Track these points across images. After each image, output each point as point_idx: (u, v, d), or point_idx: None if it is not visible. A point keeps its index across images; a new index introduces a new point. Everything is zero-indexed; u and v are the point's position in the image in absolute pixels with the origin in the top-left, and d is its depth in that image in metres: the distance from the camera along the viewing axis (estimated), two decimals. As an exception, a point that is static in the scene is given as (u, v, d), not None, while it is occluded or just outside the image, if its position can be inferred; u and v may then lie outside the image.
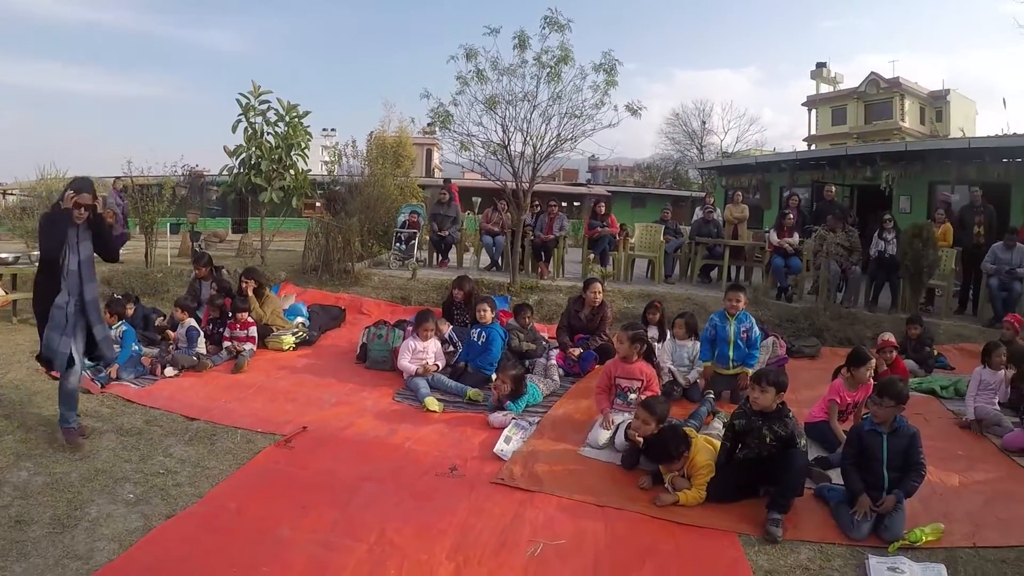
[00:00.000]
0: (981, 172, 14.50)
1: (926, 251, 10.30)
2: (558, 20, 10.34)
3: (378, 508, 4.33)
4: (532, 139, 10.90)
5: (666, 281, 12.87)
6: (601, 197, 19.71)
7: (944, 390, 7.65)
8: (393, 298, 10.93)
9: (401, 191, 16.00)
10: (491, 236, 13.32)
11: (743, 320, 7.10)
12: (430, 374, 6.98)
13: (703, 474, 4.73)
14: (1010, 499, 5.04)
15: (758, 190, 20.72)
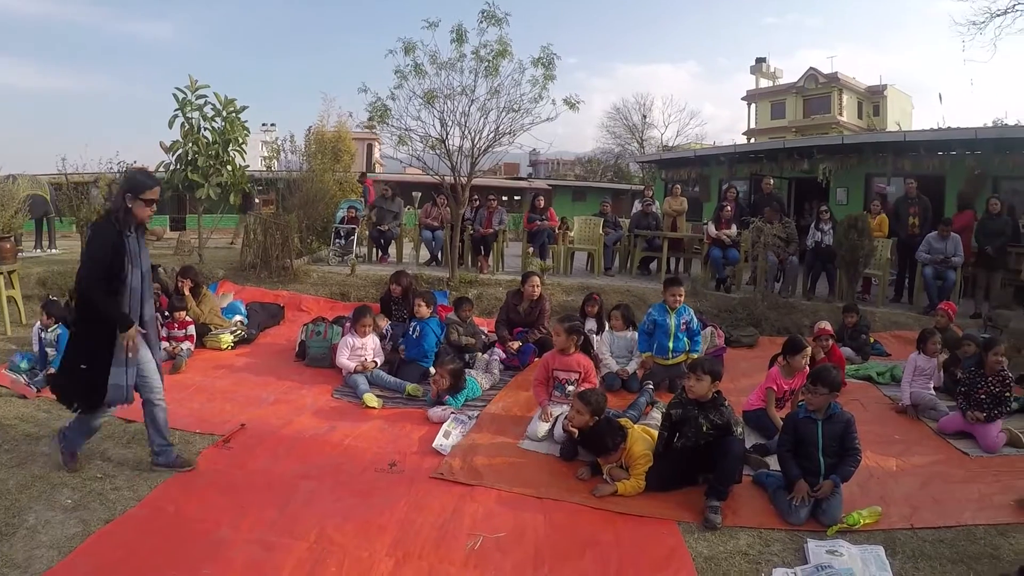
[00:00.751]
0: (916, 165, 14.91)
1: (862, 241, 10.58)
2: (495, 14, 10.38)
3: (318, 506, 4.34)
4: (470, 133, 10.95)
5: (606, 274, 13.00)
6: (541, 191, 19.76)
7: (880, 376, 7.88)
8: (332, 294, 10.86)
9: (340, 186, 15.82)
10: (430, 231, 13.29)
11: (683, 313, 7.26)
12: (369, 371, 6.95)
13: (641, 464, 4.76)
14: (946, 481, 5.21)
15: (697, 183, 21.02)
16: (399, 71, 10.70)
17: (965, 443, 5.99)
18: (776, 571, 3.84)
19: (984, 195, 12.25)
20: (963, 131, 14.69)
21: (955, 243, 10.35)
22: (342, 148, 16.29)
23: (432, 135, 11.04)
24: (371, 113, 11.03)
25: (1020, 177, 13.75)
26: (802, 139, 21.26)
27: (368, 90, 10.82)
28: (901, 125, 27.37)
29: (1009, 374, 6.31)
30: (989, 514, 4.67)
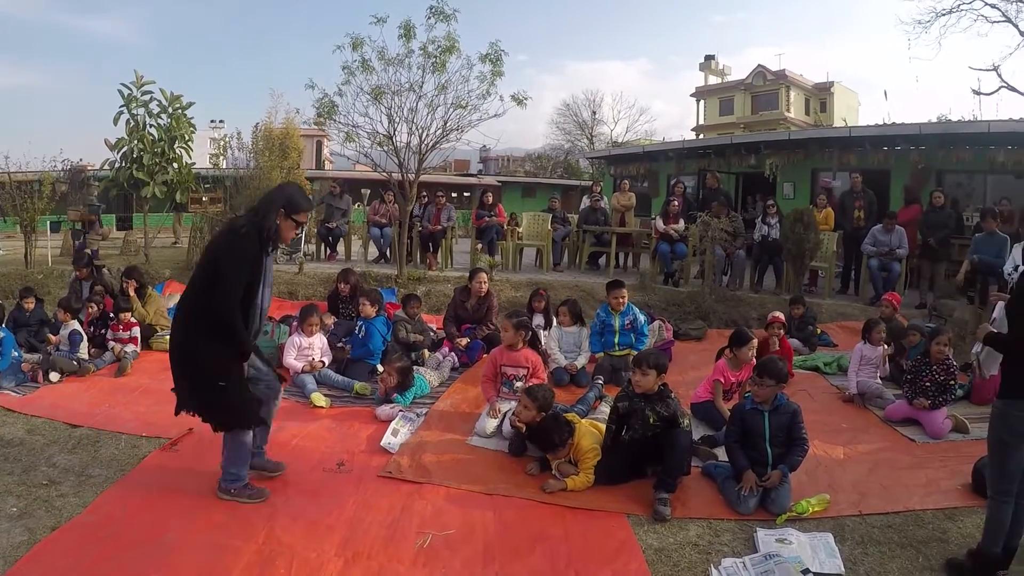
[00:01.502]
0: (862, 159, 15.25)
1: (808, 235, 10.80)
2: (444, 10, 10.38)
3: (266, 507, 4.31)
4: (418, 130, 10.90)
5: (554, 269, 13.03)
6: (489, 187, 19.75)
7: (827, 366, 8.04)
8: (280, 293, 10.68)
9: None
10: (379, 228, 13.23)
11: (627, 313, 7.51)
12: (317, 370, 6.90)
13: (589, 458, 4.78)
14: (893, 467, 5.34)
15: (646, 179, 21.19)
16: (347, 67, 10.66)
17: (911, 430, 6.14)
18: (725, 561, 3.87)
19: (928, 189, 12.51)
20: (908, 127, 15.04)
21: (900, 235, 10.60)
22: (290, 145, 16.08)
23: (379, 132, 10.99)
24: (318, 110, 10.96)
25: (963, 171, 14.16)
26: (749, 135, 21.56)
27: (316, 86, 10.77)
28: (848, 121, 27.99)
29: (953, 362, 6.51)
30: (936, 499, 4.80)
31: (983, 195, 13.78)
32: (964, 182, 14.51)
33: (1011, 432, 3.57)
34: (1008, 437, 3.59)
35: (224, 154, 16.37)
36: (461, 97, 10.76)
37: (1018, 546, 3.76)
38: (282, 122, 16.18)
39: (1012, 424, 3.56)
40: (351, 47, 10.54)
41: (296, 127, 16.46)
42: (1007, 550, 3.71)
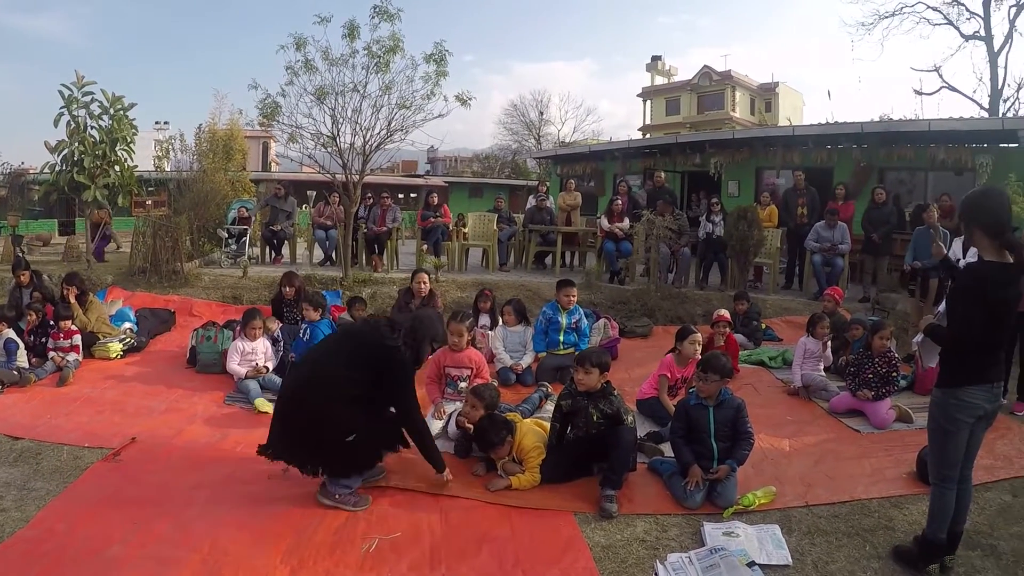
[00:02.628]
0: (805, 158, 15.54)
1: (751, 232, 10.97)
2: (388, 10, 10.28)
3: (211, 516, 4.25)
4: (362, 130, 10.81)
5: (500, 269, 13.00)
6: (435, 188, 19.68)
7: (772, 360, 8.16)
8: (224, 298, 10.55)
9: (233, 186, 15.31)
10: (324, 230, 13.07)
11: (574, 312, 7.67)
12: (261, 376, 6.82)
13: (533, 457, 4.79)
14: (838, 458, 5.44)
15: (592, 178, 21.32)
16: (290, 67, 10.51)
17: (856, 421, 6.27)
18: (671, 556, 3.88)
19: (870, 186, 12.79)
20: (850, 125, 15.37)
21: (842, 231, 10.89)
22: (234, 147, 15.79)
23: (323, 132, 10.87)
24: (261, 111, 10.78)
25: (904, 168, 14.56)
26: (695, 134, 21.85)
27: (259, 87, 10.59)
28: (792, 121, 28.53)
29: (895, 354, 6.67)
30: (882, 487, 4.90)
31: (924, 191, 14.19)
32: (906, 179, 14.92)
33: (950, 420, 3.64)
34: (947, 425, 3.65)
35: (167, 156, 15.94)
36: (405, 98, 10.71)
37: (963, 531, 3.90)
38: (226, 123, 15.95)
39: (951, 413, 3.63)
40: (295, 47, 10.42)
41: (240, 128, 16.22)
42: (952, 535, 3.81)
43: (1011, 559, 4.02)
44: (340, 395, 4.24)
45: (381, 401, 4.41)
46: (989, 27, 28.25)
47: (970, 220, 3.66)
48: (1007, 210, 3.68)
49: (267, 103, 10.59)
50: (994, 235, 3.54)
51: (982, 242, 3.59)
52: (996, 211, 3.60)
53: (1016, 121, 14.68)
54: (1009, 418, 6.54)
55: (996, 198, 3.72)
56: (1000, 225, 3.56)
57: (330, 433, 4.23)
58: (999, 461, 5.46)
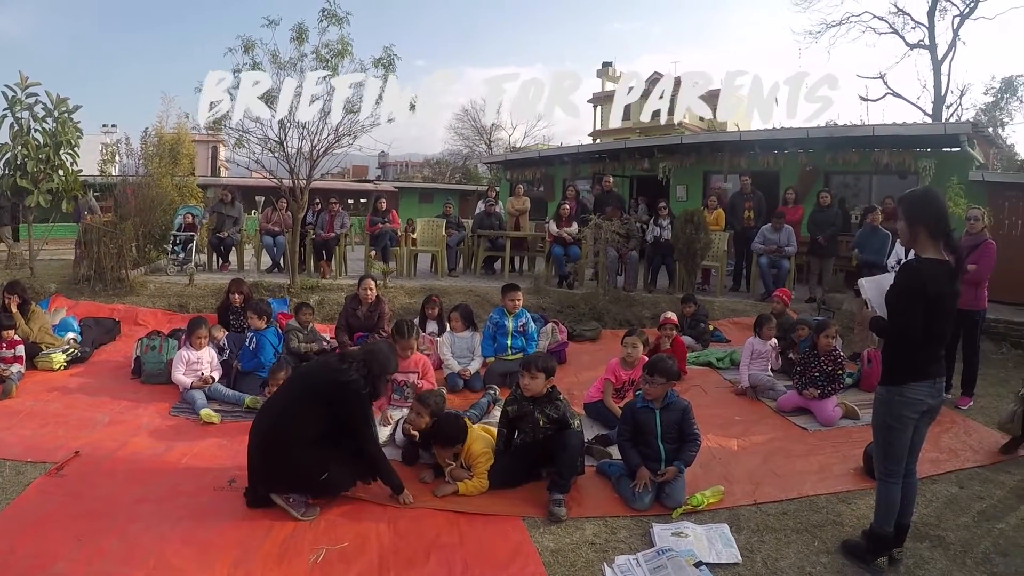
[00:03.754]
0: (752, 162, 15.81)
1: (698, 235, 11.10)
2: (336, 13, 10.18)
3: (156, 530, 4.17)
4: (309, 135, 10.63)
5: (449, 275, 12.94)
6: (383, 193, 19.51)
7: (720, 361, 8.27)
8: (170, 306, 10.33)
9: (180, 191, 14.98)
10: (271, 236, 12.90)
11: (520, 316, 7.76)
12: (207, 386, 6.69)
13: (482, 462, 4.77)
14: (786, 456, 5.52)
15: (542, 183, 21.37)
16: (238, 70, 10.29)
17: (803, 419, 6.38)
18: (618, 559, 3.89)
19: (816, 189, 13.02)
20: (796, 131, 15.58)
21: (788, 234, 11.07)
22: (181, 151, 15.47)
23: (270, 137, 10.65)
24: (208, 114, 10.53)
25: (849, 172, 14.87)
26: (643, 139, 22.05)
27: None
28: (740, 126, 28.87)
29: (841, 353, 6.81)
30: (830, 483, 4.99)
31: (869, 194, 14.47)
32: (851, 182, 15.27)
33: (894, 417, 3.70)
34: (891, 421, 3.72)
35: (113, 160, 15.55)
36: (354, 102, 10.59)
37: (910, 524, 3.98)
38: (174, 127, 15.65)
39: (894, 409, 3.69)
40: (243, 50, 10.22)
41: (187, 132, 15.94)
42: (900, 528, 3.88)
43: (959, 549, 4.12)
44: (304, 440, 4.29)
45: (346, 435, 4.46)
46: (933, 36, 29.37)
47: (914, 219, 3.70)
48: (947, 212, 3.77)
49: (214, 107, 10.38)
50: (937, 235, 3.62)
51: (924, 241, 3.65)
52: (938, 211, 3.68)
53: (958, 126, 15.05)
54: (954, 412, 6.75)
55: (936, 198, 3.79)
56: (942, 226, 3.64)
57: (304, 475, 4.33)
58: (945, 454, 5.62)
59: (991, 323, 9.04)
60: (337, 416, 4.39)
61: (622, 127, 39.74)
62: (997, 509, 4.74)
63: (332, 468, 4.37)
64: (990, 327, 9.04)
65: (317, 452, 4.31)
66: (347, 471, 4.50)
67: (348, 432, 4.45)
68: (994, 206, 11.51)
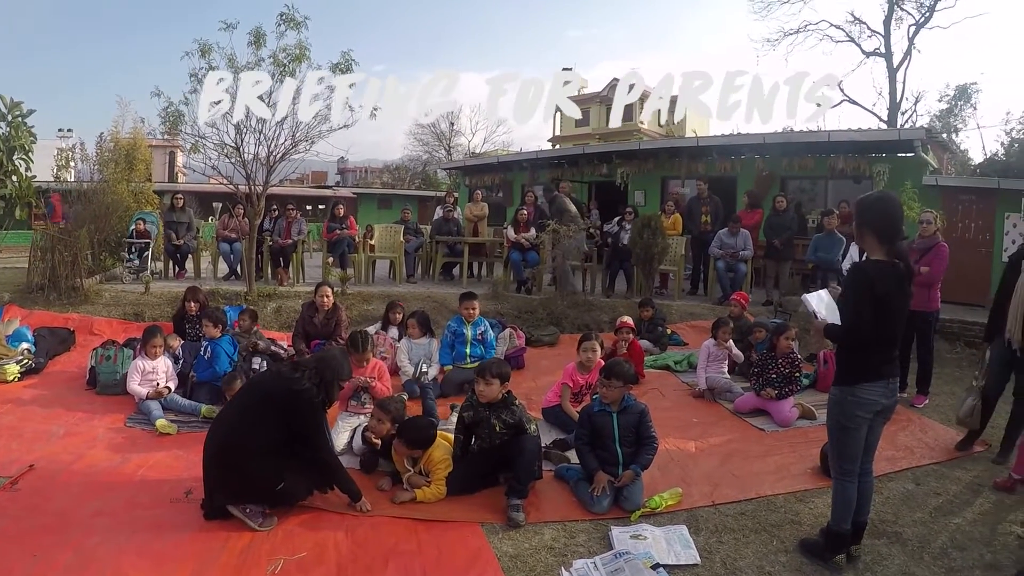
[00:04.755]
0: (709, 167, 16.03)
1: (655, 240, 11.17)
2: (295, 17, 10.07)
3: (113, 543, 4.11)
4: (266, 140, 10.49)
5: (408, 281, 12.89)
6: (341, 199, 19.38)
7: (678, 364, 8.36)
8: (125, 315, 10.13)
9: (136, 198, 14.70)
10: (228, 243, 12.70)
11: (479, 324, 7.80)
12: (163, 396, 6.59)
13: (440, 469, 4.77)
14: (744, 457, 5.58)
15: (501, 188, 21.39)
16: (195, 74, 10.16)
17: (760, 420, 6.46)
18: (576, 562, 3.89)
19: (773, 194, 13.18)
20: (752, 136, 15.88)
21: (744, 238, 11.21)
22: (137, 156, 15.17)
23: (227, 143, 10.51)
24: (163, 119, 10.43)
25: (805, 177, 15.10)
26: (602, 145, 22.24)
27: (161, 94, 10.22)
28: (699, 132, 29.28)
29: (798, 355, 6.89)
30: (787, 483, 5.05)
31: (825, 199, 14.75)
32: (807, 187, 15.49)
33: (848, 417, 3.76)
34: (845, 422, 3.77)
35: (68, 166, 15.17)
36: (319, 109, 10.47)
37: (867, 521, 4.04)
38: (129, 132, 15.36)
39: (848, 409, 3.75)
40: (199, 54, 10.09)
41: (144, 137, 15.66)
42: (857, 526, 3.94)
43: (916, 544, 4.20)
44: (259, 450, 4.27)
45: (301, 444, 4.44)
46: (889, 44, 30.22)
47: (863, 222, 3.79)
48: (899, 217, 3.82)
49: (170, 111, 10.25)
50: (884, 240, 3.68)
51: (872, 244, 3.72)
52: (889, 216, 3.73)
53: (912, 132, 15.41)
54: (910, 411, 6.89)
55: (890, 204, 3.83)
56: (892, 231, 3.70)
57: (260, 485, 4.30)
58: (901, 452, 5.73)
59: (945, 323, 9.22)
60: (291, 425, 4.35)
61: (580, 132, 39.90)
62: (953, 504, 4.84)
63: (288, 477, 4.34)
64: (944, 327, 9.21)
65: (272, 462, 4.28)
66: (303, 480, 4.47)
67: (302, 441, 4.41)
68: (948, 210, 11.81)
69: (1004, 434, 5.68)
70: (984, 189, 12.43)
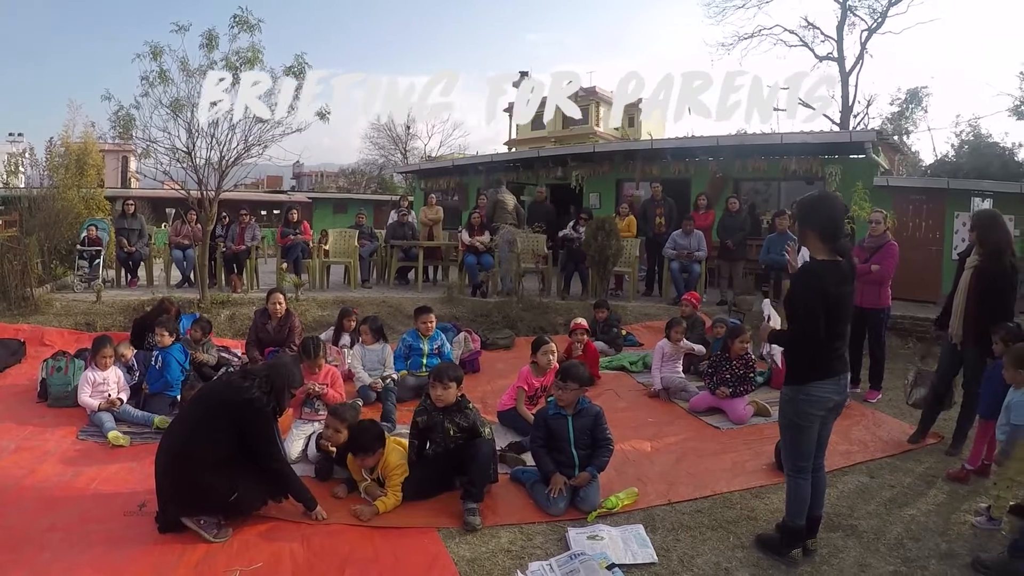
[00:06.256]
0: (664, 170, 16.18)
1: (609, 242, 11.22)
2: (248, 20, 9.90)
3: (66, 560, 4.04)
4: (218, 144, 10.31)
5: (362, 286, 12.82)
6: (295, 204, 19.17)
7: (633, 365, 8.41)
8: (77, 325, 9.89)
9: (87, 204, 14.37)
10: (181, 250, 12.51)
11: (435, 338, 7.73)
12: (115, 408, 6.46)
13: (397, 474, 4.73)
14: (699, 455, 5.61)
15: (456, 192, 21.34)
16: (146, 77, 9.93)
17: (716, 418, 6.52)
18: (532, 565, 3.89)
19: (726, 195, 13.37)
20: (706, 139, 16.07)
21: (698, 239, 11.34)
22: (88, 161, 14.83)
23: (178, 147, 10.29)
24: (114, 123, 10.17)
25: (759, 179, 15.30)
26: (557, 148, 22.27)
27: (112, 97, 9.98)
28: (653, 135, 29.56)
29: (752, 356, 6.99)
30: (742, 480, 5.10)
31: (778, 200, 14.94)
32: (761, 188, 15.72)
33: (800, 415, 3.81)
34: (798, 420, 3.83)
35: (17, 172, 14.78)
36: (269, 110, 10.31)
37: (822, 516, 4.10)
38: (80, 136, 15.02)
39: (801, 407, 3.80)
40: (151, 56, 9.87)
41: (95, 142, 15.33)
42: (812, 521, 3.99)
43: (871, 536, 4.27)
44: (211, 460, 4.23)
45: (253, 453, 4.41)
46: (842, 49, 30.90)
47: (805, 223, 3.88)
48: (840, 217, 3.89)
49: (120, 115, 10.02)
50: (827, 239, 3.76)
51: (815, 244, 3.80)
52: (829, 216, 3.81)
53: (862, 134, 15.72)
54: (863, 406, 7.03)
55: (830, 203, 3.91)
56: (833, 230, 3.78)
57: (213, 496, 4.25)
58: (855, 446, 5.83)
59: (897, 319, 9.43)
60: (242, 434, 4.31)
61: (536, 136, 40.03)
62: (907, 496, 4.93)
63: (241, 487, 4.29)
64: (896, 323, 9.42)
65: (225, 472, 4.24)
66: (257, 490, 4.42)
67: (254, 450, 4.38)
68: (898, 209, 12.08)
69: (956, 426, 5.83)
70: (934, 189, 12.77)
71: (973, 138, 27.81)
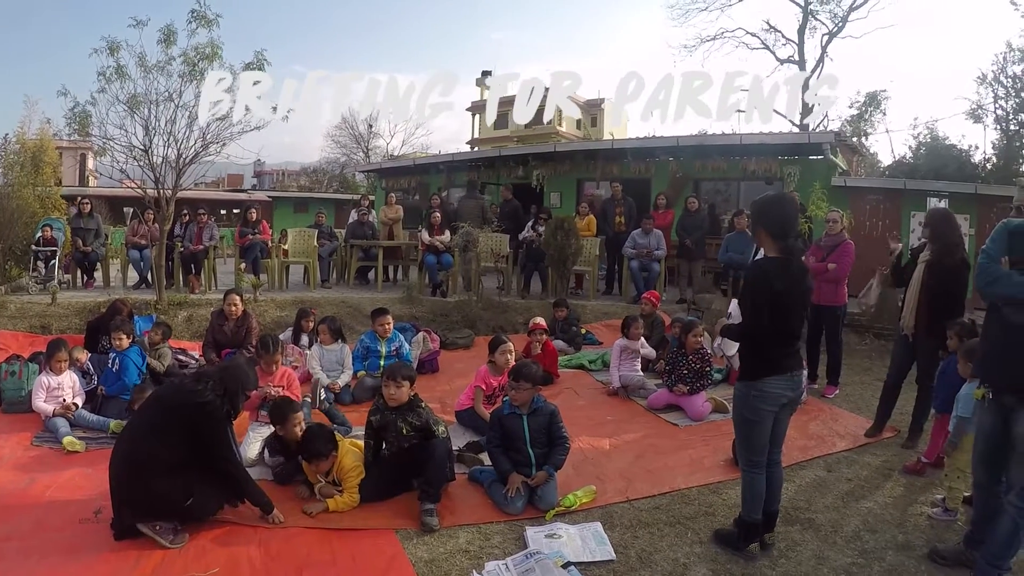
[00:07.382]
0: (624, 169, 16.30)
1: (569, 241, 11.26)
2: (206, 15, 9.76)
3: (22, 569, 3.98)
4: (176, 142, 10.13)
5: (322, 286, 12.69)
6: (254, 203, 18.92)
7: (592, 363, 8.43)
8: (32, 327, 9.63)
9: (42, 203, 14.07)
10: (138, 250, 12.27)
11: (393, 340, 7.76)
12: (71, 412, 6.33)
13: (352, 476, 4.70)
14: (657, 452, 5.64)
15: (417, 191, 21.27)
16: (102, 73, 9.75)
17: (674, 415, 6.55)
18: (488, 564, 3.88)
19: (686, 195, 13.50)
20: (666, 139, 16.18)
21: (658, 238, 11.38)
22: (44, 159, 14.50)
23: (136, 145, 10.08)
24: (69, 120, 9.97)
25: (720, 179, 15.47)
26: (518, 147, 22.30)
27: (68, 93, 9.77)
28: (615, 135, 29.69)
29: (708, 351, 7.02)
30: (701, 476, 5.13)
31: (737, 200, 15.10)
32: (721, 188, 15.90)
33: (753, 411, 3.86)
34: (751, 416, 3.88)
35: None
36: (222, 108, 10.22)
37: (779, 510, 4.13)
38: (36, 133, 14.70)
39: (753, 403, 3.85)
40: (108, 51, 9.69)
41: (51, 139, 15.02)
42: (768, 515, 4.02)
43: (828, 529, 4.33)
44: (165, 465, 4.17)
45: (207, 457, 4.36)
46: (803, 53, 31.59)
47: (758, 221, 3.95)
48: (793, 216, 3.96)
49: (76, 112, 9.83)
50: (778, 237, 3.81)
51: (767, 242, 3.85)
52: (781, 216, 3.87)
53: (821, 135, 15.97)
54: (821, 401, 7.12)
55: (782, 203, 3.99)
56: (783, 229, 3.83)
57: (168, 501, 4.19)
58: (812, 441, 5.90)
59: (855, 316, 9.58)
60: (196, 438, 4.26)
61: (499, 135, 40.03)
62: (864, 489, 5.00)
63: (197, 492, 4.25)
64: (854, 320, 9.57)
65: (180, 477, 4.19)
66: (213, 494, 4.39)
67: (208, 454, 4.32)
68: (856, 209, 12.29)
69: (911, 420, 5.93)
70: (891, 190, 13.04)
71: (930, 140, 28.45)
